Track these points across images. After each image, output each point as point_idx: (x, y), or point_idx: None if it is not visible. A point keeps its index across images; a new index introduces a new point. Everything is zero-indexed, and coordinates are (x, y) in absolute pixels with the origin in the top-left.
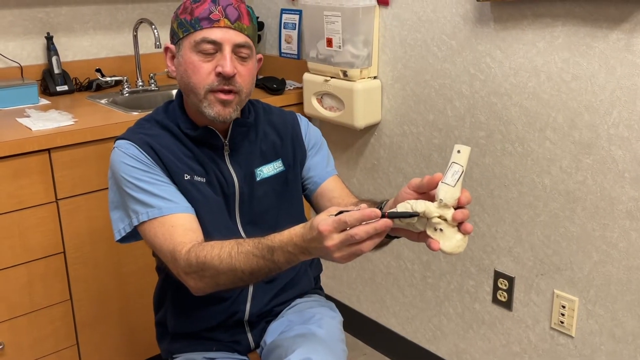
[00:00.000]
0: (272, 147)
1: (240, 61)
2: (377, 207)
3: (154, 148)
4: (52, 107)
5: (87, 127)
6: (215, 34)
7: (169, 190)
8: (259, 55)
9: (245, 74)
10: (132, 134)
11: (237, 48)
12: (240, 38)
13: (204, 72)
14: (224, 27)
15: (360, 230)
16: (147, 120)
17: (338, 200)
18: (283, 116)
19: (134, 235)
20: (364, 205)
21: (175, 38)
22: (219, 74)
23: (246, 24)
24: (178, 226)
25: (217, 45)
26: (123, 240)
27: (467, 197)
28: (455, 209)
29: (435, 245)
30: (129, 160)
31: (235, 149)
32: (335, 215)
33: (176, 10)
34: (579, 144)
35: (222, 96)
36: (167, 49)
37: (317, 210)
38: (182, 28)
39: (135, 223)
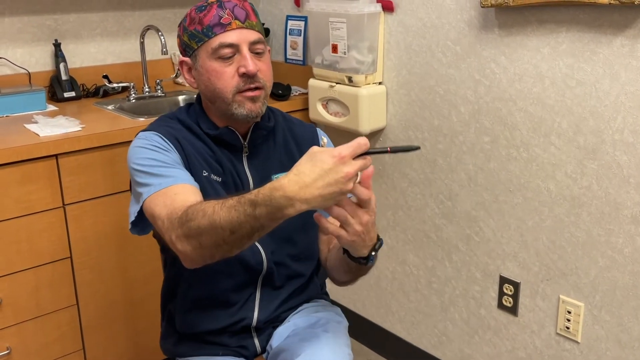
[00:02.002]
0: (291, 156)
1: (258, 57)
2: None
3: (179, 140)
4: (60, 113)
5: (94, 133)
6: (230, 37)
7: (177, 169)
8: (267, 48)
9: (265, 69)
10: (157, 127)
11: (252, 45)
12: (253, 35)
13: (227, 77)
14: (237, 28)
15: (368, 159)
16: (170, 118)
17: (328, 238)
18: (303, 128)
19: (142, 228)
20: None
21: (188, 50)
22: (243, 75)
23: (254, 21)
24: (181, 193)
25: (235, 48)
26: (134, 227)
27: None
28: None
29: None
30: (144, 143)
31: (254, 152)
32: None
33: (182, 23)
34: (583, 149)
35: (250, 93)
36: (182, 62)
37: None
38: (194, 39)
39: (143, 199)
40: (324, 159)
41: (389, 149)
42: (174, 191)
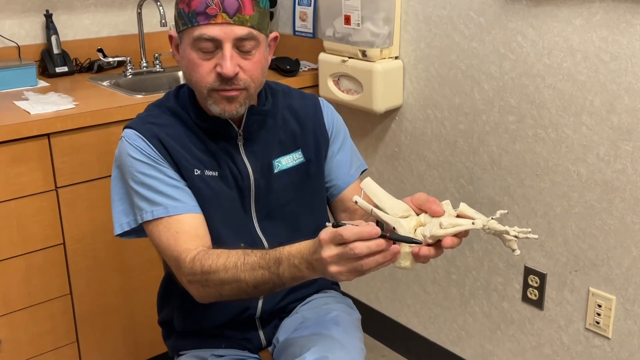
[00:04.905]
0: (292, 136)
1: (244, 55)
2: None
3: (163, 141)
4: (52, 89)
5: (88, 111)
6: (212, 30)
7: (177, 188)
8: (274, 34)
9: (250, 68)
10: (141, 123)
11: (238, 42)
12: (241, 31)
13: (203, 72)
14: (222, 22)
15: (360, 245)
16: (157, 106)
17: (360, 212)
18: (303, 100)
19: (136, 232)
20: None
21: (177, 28)
22: (218, 75)
23: (249, 14)
24: (183, 232)
25: (216, 42)
26: (123, 235)
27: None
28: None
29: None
30: (136, 153)
31: (251, 139)
32: (334, 226)
33: None
34: (617, 129)
35: (227, 93)
36: (171, 37)
37: (336, 220)
38: (181, 20)
39: (140, 221)
40: (317, 237)
41: (387, 235)
42: (177, 227)
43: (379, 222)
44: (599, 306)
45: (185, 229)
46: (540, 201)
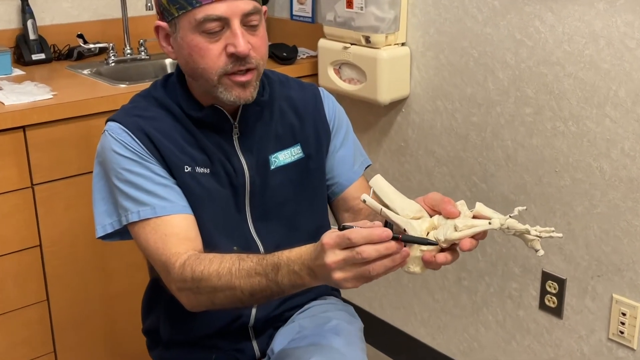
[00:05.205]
0: (290, 130)
1: (251, 31)
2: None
3: (150, 135)
4: (27, 78)
5: (67, 102)
6: (219, 8)
7: (165, 186)
8: (263, 8)
9: (259, 45)
10: (125, 116)
11: (245, 18)
12: (247, 5)
13: (213, 55)
14: None
15: (368, 248)
16: (143, 97)
17: (365, 212)
18: (302, 91)
19: (120, 233)
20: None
21: (167, 15)
22: (231, 55)
23: None
24: (173, 235)
25: (223, 21)
26: (105, 237)
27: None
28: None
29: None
30: (120, 148)
31: (246, 133)
32: (340, 229)
33: None
34: None
35: (240, 78)
36: (157, 27)
37: (337, 220)
38: (175, 4)
39: (125, 222)
40: (320, 241)
41: (400, 236)
42: (165, 230)
43: (388, 223)
44: (623, 314)
45: (175, 231)
46: (559, 200)
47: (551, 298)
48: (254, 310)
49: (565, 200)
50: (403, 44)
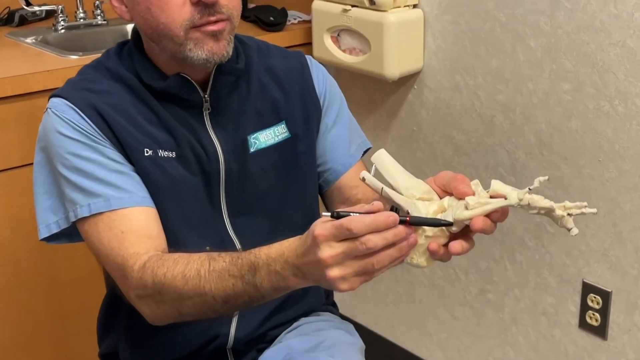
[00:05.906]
0: (272, 105)
1: None
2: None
3: (102, 113)
4: None
5: (7, 77)
6: None
7: (121, 173)
8: None
9: None
10: (73, 90)
11: None
12: None
13: (174, 6)
14: None
15: (374, 237)
16: (93, 68)
17: (362, 202)
18: (286, 59)
19: (68, 234)
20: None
21: None
22: (197, 3)
23: None
24: (130, 232)
25: None
26: (51, 239)
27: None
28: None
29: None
30: (66, 128)
31: (219, 108)
32: (334, 217)
33: None
34: None
35: (212, 27)
36: None
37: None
38: None
39: (73, 219)
40: (309, 232)
41: (408, 219)
42: (122, 226)
43: (394, 207)
44: None
45: (133, 228)
46: (603, 196)
47: (594, 315)
48: (232, 329)
49: (611, 196)
50: (415, 6)
